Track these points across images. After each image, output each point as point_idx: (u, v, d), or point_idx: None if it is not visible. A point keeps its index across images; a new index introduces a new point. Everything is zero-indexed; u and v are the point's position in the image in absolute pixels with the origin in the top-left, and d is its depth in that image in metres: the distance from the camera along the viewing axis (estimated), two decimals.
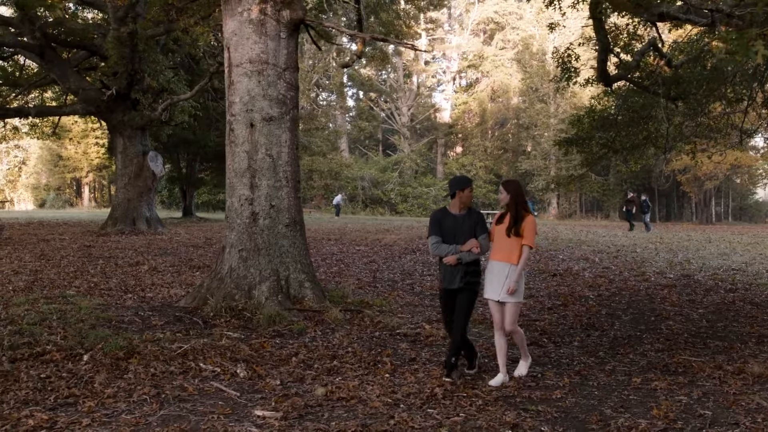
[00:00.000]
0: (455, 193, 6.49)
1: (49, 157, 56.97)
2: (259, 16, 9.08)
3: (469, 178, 6.66)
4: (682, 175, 47.72)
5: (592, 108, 14.35)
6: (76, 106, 22.47)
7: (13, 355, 6.68)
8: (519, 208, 6.38)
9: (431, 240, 6.53)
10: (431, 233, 6.53)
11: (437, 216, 6.59)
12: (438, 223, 6.52)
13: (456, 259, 6.31)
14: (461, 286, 6.37)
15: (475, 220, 6.49)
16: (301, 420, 5.28)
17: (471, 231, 6.42)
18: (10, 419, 5.10)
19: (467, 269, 6.38)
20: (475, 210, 6.62)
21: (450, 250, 6.35)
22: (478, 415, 5.46)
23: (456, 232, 6.42)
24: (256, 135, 9.09)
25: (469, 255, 6.30)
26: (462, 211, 6.52)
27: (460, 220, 6.48)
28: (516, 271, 6.32)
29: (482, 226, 6.48)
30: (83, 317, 8.16)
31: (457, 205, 6.51)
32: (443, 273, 6.48)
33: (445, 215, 6.56)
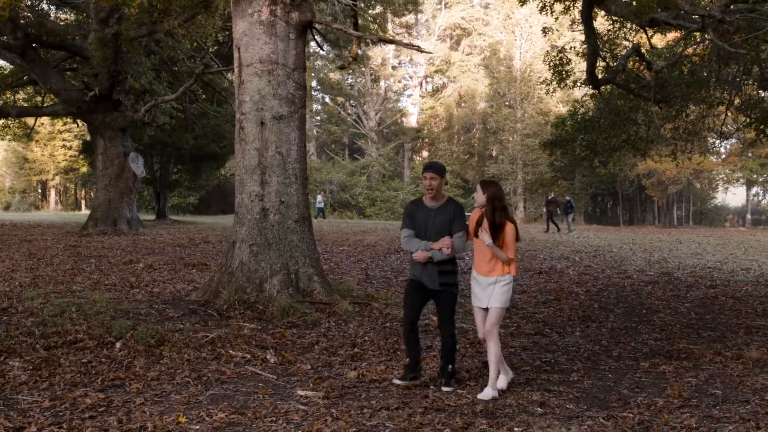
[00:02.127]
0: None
1: (14, 160, 56.17)
2: (269, 17, 9.34)
3: (436, 164, 6.04)
4: (646, 179, 48.78)
5: (575, 111, 14.82)
6: (56, 106, 22.39)
7: (47, 343, 6.86)
8: (497, 214, 5.74)
9: (403, 233, 6.02)
10: (403, 226, 6.03)
11: (410, 208, 6.05)
12: (410, 215, 5.99)
13: (426, 257, 5.81)
14: (437, 288, 5.90)
15: (452, 215, 5.88)
16: (342, 399, 5.57)
17: (444, 227, 5.85)
18: (66, 399, 5.31)
19: (441, 268, 5.86)
20: (453, 202, 6.02)
21: (421, 246, 5.85)
22: (506, 394, 5.80)
23: (427, 226, 5.90)
24: (267, 133, 9.34)
25: (440, 254, 5.79)
26: (436, 203, 5.94)
27: (434, 213, 5.91)
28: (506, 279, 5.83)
29: (459, 222, 5.88)
30: (100, 309, 8.33)
31: (428, 197, 5.95)
32: (415, 266, 5.98)
33: (418, 207, 6.01)
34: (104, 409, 5.14)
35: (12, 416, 4.91)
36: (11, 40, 19.95)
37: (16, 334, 7.13)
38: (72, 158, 52.26)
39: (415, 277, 5.99)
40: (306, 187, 9.73)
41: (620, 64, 12.46)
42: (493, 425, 4.94)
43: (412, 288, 6.05)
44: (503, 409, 5.42)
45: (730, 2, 9.72)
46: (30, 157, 54.34)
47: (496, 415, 5.25)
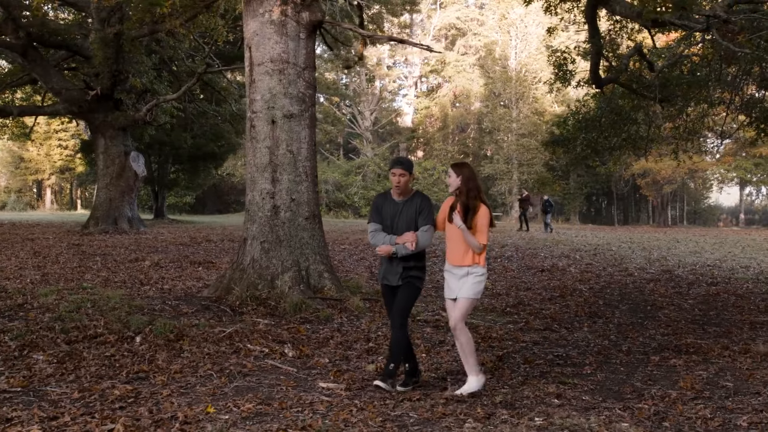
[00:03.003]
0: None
1: (10, 159, 56.09)
2: (280, 17, 9.45)
3: (401, 159, 5.81)
4: (641, 179, 49.05)
5: (576, 110, 14.97)
6: (58, 106, 22.43)
7: (67, 338, 6.96)
8: (470, 196, 5.55)
9: (369, 227, 5.83)
10: (370, 220, 5.86)
11: (378, 201, 5.85)
12: (377, 209, 5.80)
13: (390, 251, 5.61)
14: (399, 283, 5.70)
15: (418, 209, 5.66)
16: (364, 390, 5.68)
17: (411, 220, 5.66)
18: (94, 390, 5.41)
19: (406, 264, 5.66)
20: (420, 195, 5.80)
21: (386, 241, 5.66)
22: (523, 387, 5.93)
23: (394, 221, 5.71)
24: (278, 131, 9.45)
25: (404, 249, 5.57)
26: (404, 197, 5.74)
27: (401, 206, 5.71)
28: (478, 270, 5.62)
29: (426, 216, 5.65)
30: (115, 306, 8.42)
31: (395, 191, 5.74)
32: (382, 266, 5.83)
33: (385, 200, 5.81)
34: (133, 400, 5.25)
35: (44, 407, 5.01)
36: (13, 39, 19.99)
37: (36, 329, 7.22)
38: (68, 158, 52.22)
39: (384, 280, 5.80)
40: (316, 184, 9.85)
41: (623, 64, 12.61)
42: (513, 415, 5.06)
43: (385, 292, 5.87)
44: (521, 400, 5.55)
45: (734, 2, 9.88)
46: (26, 157, 54.28)
47: (515, 405, 5.38)
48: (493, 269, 14.55)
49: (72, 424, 4.68)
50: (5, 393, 5.35)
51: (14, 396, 5.30)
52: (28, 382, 5.61)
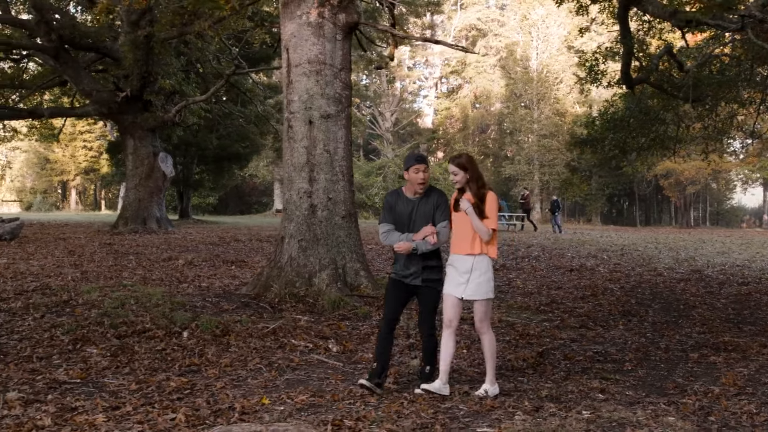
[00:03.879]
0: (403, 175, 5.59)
1: (36, 160, 56.83)
2: (317, 19, 9.60)
3: (422, 156, 5.70)
4: (664, 179, 48.82)
5: (605, 110, 15.01)
6: (88, 107, 22.76)
7: (117, 332, 7.14)
8: (480, 184, 5.46)
9: (381, 228, 5.62)
10: (382, 220, 5.66)
11: (390, 200, 5.65)
12: (390, 208, 5.61)
13: (410, 248, 5.42)
14: (419, 284, 5.56)
15: (435, 204, 5.53)
16: (411, 384, 5.80)
17: (428, 217, 5.51)
18: (151, 382, 5.58)
19: (426, 264, 5.52)
20: (436, 191, 5.62)
21: (402, 239, 5.49)
22: (567, 382, 6.02)
23: (410, 219, 5.55)
24: (315, 131, 9.59)
25: (425, 245, 5.42)
26: (417, 195, 5.57)
27: (416, 203, 5.55)
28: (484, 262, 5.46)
29: (443, 211, 5.53)
30: (158, 302, 8.60)
31: (410, 188, 5.58)
32: (398, 264, 5.63)
33: (398, 199, 5.62)
34: (189, 391, 5.41)
35: (105, 397, 5.18)
36: (46, 42, 20.31)
37: (85, 324, 7.41)
38: (92, 159, 52.81)
39: (397, 276, 5.62)
40: (352, 184, 9.99)
41: (653, 64, 12.64)
42: (561, 408, 5.17)
43: (394, 287, 5.66)
44: (566, 395, 5.64)
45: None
46: (51, 158, 54.97)
47: (561, 399, 5.47)
48: (521, 269, 14.62)
49: (134, 413, 4.85)
50: (66, 384, 5.53)
51: (75, 387, 5.48)
52: (85, 374, 5.79)
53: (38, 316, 7.95)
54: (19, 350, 6.51)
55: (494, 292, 5.58)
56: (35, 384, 5.49)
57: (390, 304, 5.66)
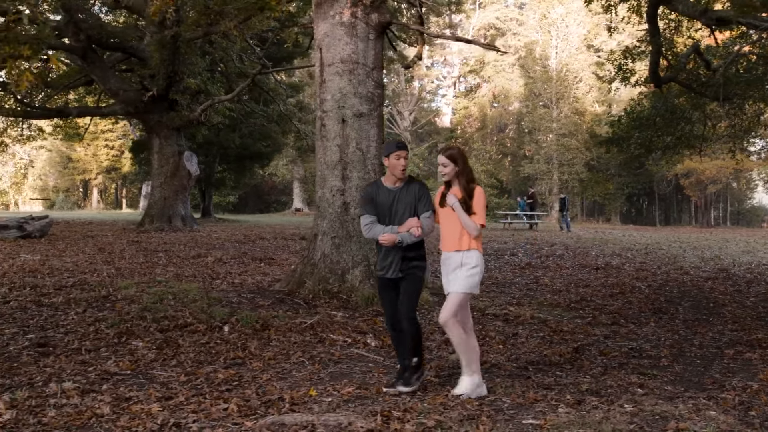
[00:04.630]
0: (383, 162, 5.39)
1: (58, 159, 57.43)
2: (350, 18, 9.71)
3: (403, 143, 5.51)
4: (685, 179, 48.59)
5: (631, 109, 15.04)
6: (115, 107, 23.01)
7: (159, 327, 7.30)
8: (468, 179, 5.30)
9: (363, 220, 5.45)
10: (363, 212, 5.48)
11: (370, 191, 5.51)
12: (370, 200, 5.46)
13: (395, 240, 5.29)
14: (399, 276, 5.41)
15: (417, 195, 5.39)
16: (451, 378, 5.90)
17: (410, 208, 5.37)
18: (199, 374, 5.73)
19: (406, 254, 5.38)
20: (416, 181, 5.52)
21: (386, 231, 5.33)
22: (605, 377, 6.10)
23: (392, 209, 5.39)
24: (347, 130, 9.71)
25: (409, 236, 5.28)
26: (398, 184, 5.43)
27: (397, 194, 5.41)
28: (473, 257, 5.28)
29: (426, 202, 5.38)
30: (195, 298, 8.76)
31: (390, 177, 5.46)
32: (380, 258, 5.52)
33: (378, 190, 5.48)
34: (237, 383, 5.54)
35: (156, 388, 5.32)
36: (74, 42, 20.57)
37: (128, 319, 7.58)
38: (114, 158, 53.28)
39: (380, 272, 5.52)
40: None
41: (681, 63, 12.66)
42: (603, 402, 5.25)
43: (383, 287, 5.54)
44: (605, 389, 5.72)
45: None
46: (74, 157, 55.51)
47: (601, 394, 5.55)
48: (547, 267, 14.69)
49: (187, 403, 4.98)
50: (117, 375, 5.68)
51: (126, 378, 5.63)
52: (135, 366, 5.94)
53: (80, 311, 8.13)
54: (67, 343, 6.67)
55: (477, 288, 5.36)
56: (88, 375, 5.65)
57: (386, 306, 5.56)
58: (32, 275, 10.75)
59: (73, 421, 4.57)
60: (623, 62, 13.46)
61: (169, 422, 4.57)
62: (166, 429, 4.47)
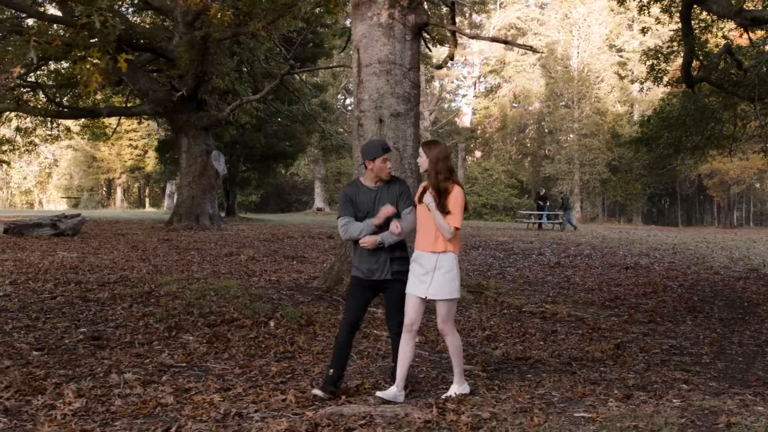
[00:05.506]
0: (365, 164, 5.31)
1: (83, 159, 58.05)
2: (387, 20, 9.83)
3: (385, 144, 5.35)
4: (708, 179, 48.31)
5: (661, 108, 15.06)
6: (144, 106, 23.28)
7: (206, 321, 7.46)
8: (440, 177, 5.05)
9: (340, 222, 5.25)
10: (341, 214, 5.28)
11: (350, 192, 5.32)
12: (350, 200, 5.27)
13: (376, 242, 5.12)
14: (387, 277, 5.24)
15: (398, 192, 5.27)
16: (498, 372, 6.03)
17: (392, 205, 5.22)
18: (252, 367, 5.88)
19: (392, 255, 5.21)
20: (397, 180, 5.38)
21: (363, 227, 5.15)
22: (649, 373, 6.19)
23: (373, 209, 5.22)
24: (385, 130, 9.83)
25: (390, 237, 5.13)
26: (379, 183, 5.29)
27: (378, 193, 5.26)
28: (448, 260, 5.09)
29: (407, 199, 5.28)
30: (236, 294, 8.92)
31: (371, 178, 5.30)
32: (363, 259, 5.27)
33: (358, 190, 5.30)
34: (290, 375, 5.69)
35: (213, 379, 5.47)
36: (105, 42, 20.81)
37: (175, 314, 7.76)
38: (138, 157, 53.79)
39: (362, 273, 5.29)
40: (420, 181, 10.20)
41: (713, 63, 12.68)
42: (651, 397, 5.34)
43: (359, 287, 5.34)
44: (651, 384, 5.81)
45: None
46: (98, 156, 56.10)
47: (647, 389, 5.64)
48: (576, 266, 14.74)
49: (245, 394, 5.13)
50: (173, 368, 5.85)
51: (182, 370, 5.78)
52: (189, 359, 6.10)
53: (126, 306, 8.30)
54: (119, 336, 6.85)
55: (459, 291, 5.21)
56: (145, 367, 5.81)
57: (353, 307, 5.35)
58: (73, 272, 10.96)
59: (139, 410, 4.73)
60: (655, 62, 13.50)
61: (231, 412, 4.72)
62: (229, 418, 4.62)
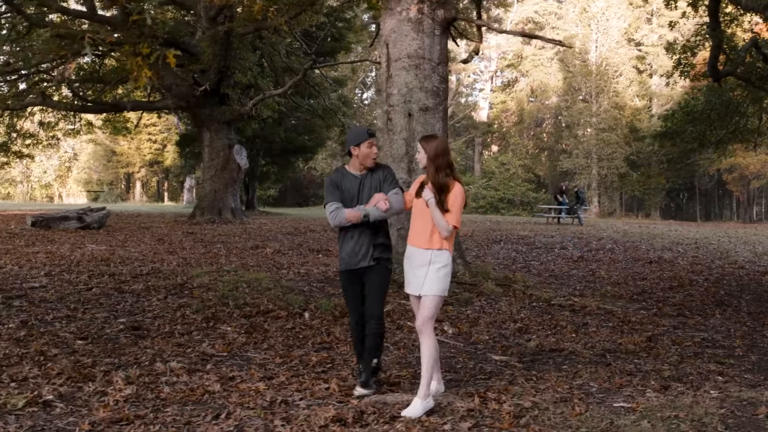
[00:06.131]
0: (349, 151, 5.17)
1: (102, 153, 58.50)
2: (416, 15, 9.91)
3: (370, 129, 5.25)
4: (728, 174, 48.01)
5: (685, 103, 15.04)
6: (167, 101, 23.49)
7: (242, 313, 7.59)
8: (439, 173, 4.83)
9: (329, 208, 5.09)
10: (328, 200, 5.13)
11: (335, 178, 5.22)
12: (336, 186, 5.16)
13: (361, 216, 4.97)
14: (370, 264, 5.09)
15: (382, 178, 5.17)
16: (534, 362, 6.11)
17: (377, 190, 5.12)
18: (292, 357, 5.99)
19: (375, 240, 5.10)
20: (382, 166, 5.29)
21: (353, 212, 5.01)
22: (683, 365, 6.24)
23: (359, 196, 5.11)
24: (414, 124, 9.91)
25: (376, 211, 4.97)
26: (364, 171, 5.19)
27: (363, 180, 5.16)
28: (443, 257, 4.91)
29: (391, 182, 5.17)
30: (268, 286, 9.04)
31: (357, 165, 5.18)
32: (345, 249, 5.14)
33: (343, 176, 5.20)
34: (330, 365, 5.79)
35: (256, 369, 5.58)
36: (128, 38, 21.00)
37: (211, 305, 7.89)
38: (156, 151, 54.13)
39: (346, 263, 5.15)
40: None
41: (740, 57, 12.66)
42: (689, 387, 5.40)
43: (348, 281, 5.22)
44: (686, 376, 5.86)
45: None
46: (117, 150, 56.51)
47: (683, 380, 5.69)
48: (600, 260, 14.76)
49: (288, 383, 5.24)
50: (215, 357, 5.97)
51: (224, 359, 5.90)
52: (229, 349, 6.22)
53: (161, 297, 8.45)
54: (158, 327, 6.98)
55: (447, 291, 4.96)
56: (188, 356, 5.93)
57: (351, 306, 5.25)
58: (105, 264, 11.12)
59: (188, 397, 4.85)
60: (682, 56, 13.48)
61: (277, 399, 4.83)
62: (275, 405, 4.72)
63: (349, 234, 5.11)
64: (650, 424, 4.50)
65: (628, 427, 4.46)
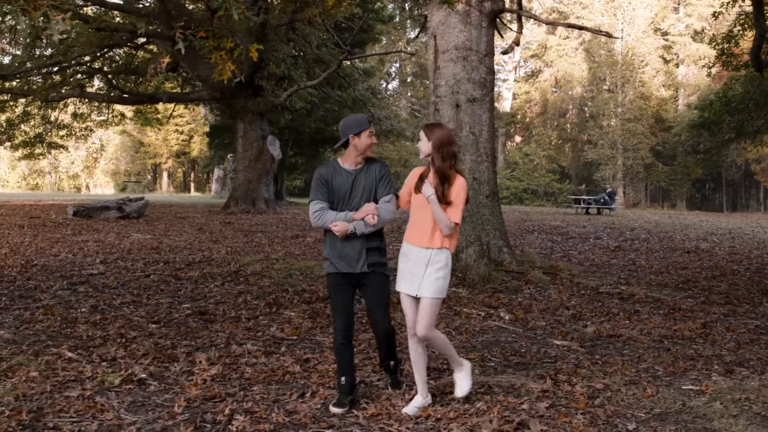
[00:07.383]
0: (347, 141, 4.61)
1: (130, 144, 59.18)
2: (464, 7, 10.03)
3: (368, 117, 4.82)
4: (756, 164, 47.66)
5: (723, 92, 15.04)
6: (201, 92, 23.79)
7: (302, 299, 7.78)
8: (444, 165, 4.44)
9: (313, 207, 4.65)
10: (313, 197, 4.68)
11: (325, 174, 4.68)
12: (325, 183, 4.65)
13: (347, 231, 4.52)
14: (364, 270, 4.64)
15: (377, 176, 4.66)
16: (595, 347, 6.25)
17: (370, 191, 4.65)
18: (360, 340, 6.18)
19: (369, 245, 4.63)
20: (377, 162, 4.74)
21: (340, 218, 4.56)
22: (742, 351, 6.35)
23: (350, 194, 4.64)
24: (461, 115, 10.05)
25: (363, 225, 4.52)
26: (358, 165, 4.67)
27: (356, 176, 4.65)
28: (443, 257, 4.50)
29: (387, 184, 4.66)
30: (320, 274, 9.23)
31: (352, 158, 4.65)
32: (334, 250, 4.65)
33: (334, 172, 4.68)
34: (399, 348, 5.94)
35: (327, 352, 5.77)
36: (166, 29, 21.28)
37: (270, 291, 8.10)
38: (183, 142, 54.64)
39: (336, 268, 4.66)
40: (495, 165, 10.42)
41: None
42: (753, 372, 5.52)
43: (336, 284, 4.70)
44: (747, 361, 5.97)
45: None
46: (145, 142, 57.12)
47: (745, 365, 5.81)
48: (637, 250, 14.84)
49: (361, 365, 5.43)
50: (286, 340, 6.17)
51: (294, 343, 6.11)
52: (298, 333, 6.42)
53: (218, 284, 8.68)
54: (224, 312, 7.20)
55: (446, 292, 4.63)
56: (259, 339, 6.14)
57: (339, 310, 4.69)
58: (156, 252, 11.39)
59: (270, 377, 5.05)
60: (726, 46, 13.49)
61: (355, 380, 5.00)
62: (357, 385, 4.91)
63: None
64: (722, 405, 4.64)
65: (701, 407, 4.61)
